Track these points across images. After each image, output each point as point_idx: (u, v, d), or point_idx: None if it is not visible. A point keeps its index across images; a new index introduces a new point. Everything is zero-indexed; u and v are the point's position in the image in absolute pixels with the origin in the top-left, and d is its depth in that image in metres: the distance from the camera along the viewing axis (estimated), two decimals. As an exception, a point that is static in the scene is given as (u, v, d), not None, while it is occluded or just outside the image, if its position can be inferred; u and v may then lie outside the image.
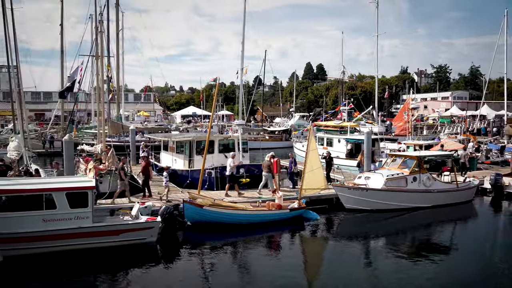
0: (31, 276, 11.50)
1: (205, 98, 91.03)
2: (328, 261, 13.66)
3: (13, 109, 25.96)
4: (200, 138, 23.14)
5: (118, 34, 41.47)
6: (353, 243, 15.32)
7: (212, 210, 15.54)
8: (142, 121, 60.60)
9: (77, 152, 27.55)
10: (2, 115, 69.82)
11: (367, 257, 13.95)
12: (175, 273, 12.14)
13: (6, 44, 22.69)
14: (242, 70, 46.91)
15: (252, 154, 25.18)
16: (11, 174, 18.57)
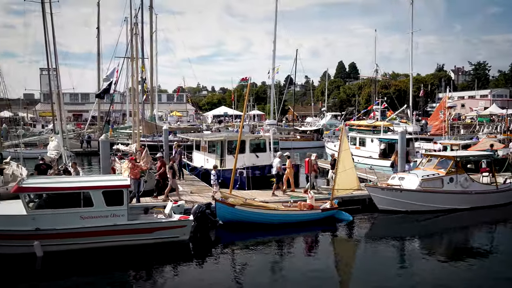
0: (69, 271, 11.89)
1: (237, 98, 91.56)
2: (361, 263, 13.43)
3: (53, 110, 26.92)
4: (232, 138, 23.27)
5: (152, 36, 42.27)
6: (387, 245, 14.99)
7: (243, 209, 15.60)
8: (175, 121, 61.60)
9: (112, 152, 28.32)
10: (43, 115, 72.78)
11: (402, 260, 13.62)
12: (207, 272, 12.24)
13: (46, 47, 23.53)
14: (273, 70, 46.83)
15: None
16: (51, 172, 19.27)
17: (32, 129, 57.79)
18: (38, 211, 12.76)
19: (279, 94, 67.11)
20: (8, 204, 13.76)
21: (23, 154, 25.35)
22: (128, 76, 34.93)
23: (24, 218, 12.51)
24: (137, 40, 27.91)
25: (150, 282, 11.46)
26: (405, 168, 21.75)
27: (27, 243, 12.44)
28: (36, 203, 13.12)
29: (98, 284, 11.19)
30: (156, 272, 12.05)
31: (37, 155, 27.42)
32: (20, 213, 12.60)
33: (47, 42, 23.48)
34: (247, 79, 38.29)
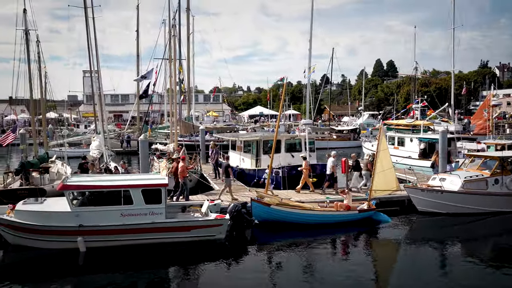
0: (110, 266, 12.28)
1: (272, 97, 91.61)
2: (399, 266, 13.09)
3: (95, 111, 27.88)
4: (267, 137, 23.30)
5: (189, 38, 43.02)
6: (427, 248, 14.53)
7: (279, 209, 15.59)
8: (211, 121, 62.38)
9: (151, 151, 29.03)
10: (86, 116, 75.52)
11: (442, 264, 13.17)
12: (243, 271, 12.32)
13: (89, 51, 24.44)
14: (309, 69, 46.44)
15: (319, 153, 24.88)
16: (93, 171, 19.95)
17: (75, 129, 60.03)
18: (81, 208, 13.27)
19: (315, 93, 66.51)
20: (54, 201, 14.37)
21: (67, 153, 26.41)
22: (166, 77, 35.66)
23: (68, 214, 13.04)
24: (175, 42, 28.49)
25: (187, 280, 11.66)
26: (447, 168, 21.05)
27: (71, 238, 12.97)
28: (80, 201, 13.64)
29: (137, 280, 11.49)
30: (193, 270, 12.23)
31: (80, 154, 28.53)
32: (64, 210, 13.15)
33: (90, 46, 24.39)
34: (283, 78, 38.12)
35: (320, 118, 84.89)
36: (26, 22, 24.34)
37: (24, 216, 13.07)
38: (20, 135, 25.10)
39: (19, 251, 13.18)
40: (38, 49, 26.91)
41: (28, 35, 24.55)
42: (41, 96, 28.94)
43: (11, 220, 13.07)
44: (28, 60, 24.94)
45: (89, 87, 33.62)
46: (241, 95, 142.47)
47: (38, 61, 27.18)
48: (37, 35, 26.40)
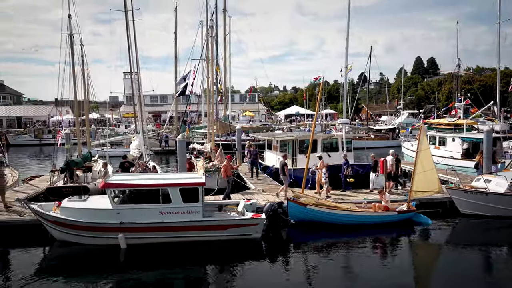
0: (149, 263, 12.57)
1: (308, 97, 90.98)
2: (440, 270, 12.61)
3: (135, 111, 28.64)
4: (303, 137, 23.18)
5: (226, 38, 43.40)
6: (470, 251, 13.98)
7: (315, 209, 15.46)
8: (247, 121, 62.67)
9: (189, 151, 29.51)
10: (126, 116, 77.77)
11: (486, 269, 12.66)
12: (279, 270, 12.29)
13: (129, 53, 25.13)
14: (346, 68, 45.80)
15: (357, 153, 24.50)
16: (133, 170, 20.53)
17: (116, 129, 61.97)
18: (122, 206, 13.67)
19: (352, 92, 65.55)
20: (96, 198, 14.89)
21: (109, 152, 27.28)
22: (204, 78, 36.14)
23: (110, 212, 13.47)
24: (212, 43, 28.82)
25: (223, 278, 11.76)
26: (492, 169, 20.17)
27: (112, 235, 13.39)
28: (120, 199, 14.06)
29: (175, 277, 11.69)
30: (229, 268, 12.33)
31: (121, 153, 29.42)
32: (106, 207, 13.60)
33: (130, 48, 25.06)
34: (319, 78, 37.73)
35: (358, 117, 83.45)
36: (71, 27, 25.37)
37: (68, 213, 13.62)
38: (65, 135, 26.17)
39: (64, 246, 13.74)
40: (82, 52, 28.01)
41: (73, 39, 25.57)
42: (84, 97, 30.07)
43: (57, 216, 13.65)
44: (73, 63, 25.96)
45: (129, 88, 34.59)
46: (277, 95, 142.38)
47: (82, 64, 28.29)
48: (81, 38, 27.49)
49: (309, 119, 75.99)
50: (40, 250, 13.79)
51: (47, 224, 13.98)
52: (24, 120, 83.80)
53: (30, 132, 62.21)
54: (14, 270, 12.06)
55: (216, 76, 30.62)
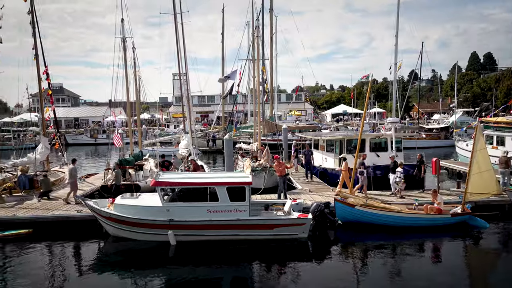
0: (198, 260, 12.83)
1: (356, 95, 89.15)
2: (497, 278, 11.87)
3: (183, 112, 29.35)
4: (351, 136, 22.76)
5: (272, 38, 43.48)
6: (532, 258, 13.14)
7: (364, 210, 15.15)
8: (293, 120, 62.46)
9: (235, 150, 29.83)
10: (175, 116, 79.88)
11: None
12: (325, 271, 12.14)
13: (178, 54, 25.78)
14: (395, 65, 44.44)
15: (407, 153, 23.71)
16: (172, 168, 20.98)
17: (166, 129, 63.79)
18: (171, 204, 14.06)
19: (402, 90, 63.47)
20: (147, 196, 15.41)
21: (159, 152, 28.12)
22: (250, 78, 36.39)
23: (160, 209, 13.90)
24: (258, 43, 28.95)
25: (269, 277, 11.78)
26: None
27: (162, 232, 13.80)
28: (170, 196, 14.46)
29: (222, 275, 11.87)
30: (275, 267, 12.34)
31: (170, 152, 30.25)
32: (156, 205, 14.04)
33: (178, 50, 25.72)
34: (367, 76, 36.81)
35: (408, 116, 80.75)
36: (124, 31, 26.43)
37: (121, 209, 14.19)
38: (119, 135, 27.26)
39: (118, 241, 14.35)
40: (134, 55, 29.10)
41: (125, 42, 26.62)
42: (136, 98, 31.17)
43: (111, 212, 14.27)
44: (125, 65, 27.03)
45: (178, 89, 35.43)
46: (324, 94, 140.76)
47: (134, 66, 29.39)
48: (133, 42, 28.57)
49: (356, 118, 74.55)
50: (95, 244, 14.46)
51: (102, 220, 14.65)
52: (81, 121, 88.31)
53: (86, 132, 65.43)
54: (71, 263, 12.76)
55: (262, 76, 30.73)
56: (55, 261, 13.07)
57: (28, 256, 13.17)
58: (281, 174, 17.65)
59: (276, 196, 17.86)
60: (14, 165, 22.00)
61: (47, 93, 23.80)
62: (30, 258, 13.08)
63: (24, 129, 59.55)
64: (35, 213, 15.88)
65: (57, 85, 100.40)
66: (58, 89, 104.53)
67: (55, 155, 27.29)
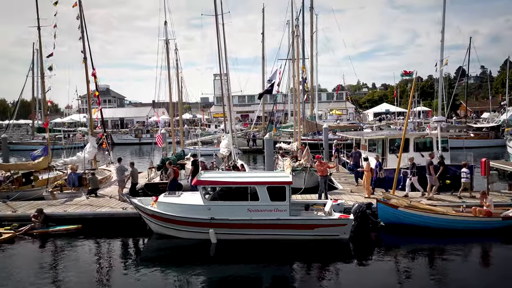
0: (238, 258, 12.94)
1: (399, 94, 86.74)
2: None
3: (224, 112, 29.69)
4: (394, 136, 22.20)
5: (312, 37, 43.15)
6: None
7: (408, 212, 14.73)
8: (334, 120, 61.69)
9: (275, 150, 29.84)
10: (216, 116, 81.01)
11: None
12: (368, 273, 11.88)
13: (219, 55, 26.11)
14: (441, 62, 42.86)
15: (454, 153, 22.83)
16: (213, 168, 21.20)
17: (207, 129, 64.79)
18: (212, 202, 14.25)
19: (448, 87, 61.06)
20: (189, 194, 15.71)
21: (200, 151, 28.59)
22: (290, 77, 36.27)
23: (202, 208, 14.13)
24: (298, 42, 28.81)
25: (309, 277, 11.69)
26: None
27: (203, 230, 14.03)
28: (211, 195, 14.66)
29: (262, 274, 11.88)
30: (316, 268, 12.23)
31: (211, 152, 30.68)
32: (198, 203, 14.28)
33: (219, 50, 26.03)
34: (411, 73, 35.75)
35: (455, 114, 77.67)
36: (167, 33, 27.08)
37: (164, 207, 14.56)
38: (162, 134, 27.98)
39: (161, 238, 14.73)
40: (176, 56, 29.77)
41: (168, 44, 27.27)
42: (178, 99, 31.87)
43: (154, 210, 14.66)
44: (168, 67, 27.71)
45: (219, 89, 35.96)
46: (365, 92, 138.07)
47: (176, 67, 30.08)
48: (176, 44, 29.31)
49: (400, 117, 72.52)
50: (140, 241, 14.92)
51: (145, 217, 15.09)
52: (126, 121, 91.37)
53: (131, 132, 67.60)
54: (116, 258, 13.23)
55: (302, 75, 30.56)
56: (101, 256, 13.62)
57: (77, 251, 13.80)
58: (322, 174, 17.48)
59: (316, 196, 17.72)
60: (64, 163, 23.12)
61: (95, 95, 24.78)
62: (79, 252, 13.69)
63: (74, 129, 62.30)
64: (84, 210, 16.61)
65: (104, 86, 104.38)
66: (105, 90, 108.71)
67: (102, 154, 28.36)
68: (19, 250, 13.98)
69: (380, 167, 18.41)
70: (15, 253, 13.78)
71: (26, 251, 13.99)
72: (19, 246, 14.33)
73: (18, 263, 12.98)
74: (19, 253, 13.78)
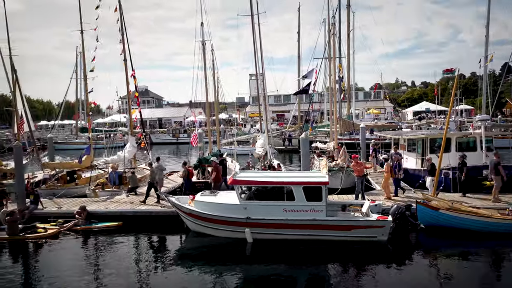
0: (273, 258, 12.92)
1: (440, 92, 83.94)
2: None
3: (260, 111, 29.75)
4: (435, 135, 21.52)
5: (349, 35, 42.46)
6: None
7: (449, 214, 14.22)
8: (372, 119, 60.54)
9: (311, 149, 29.60)
10: (252, 116, 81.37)
11: None
12: (405, 276, 11.53)
13: (255, 55, 26.18)
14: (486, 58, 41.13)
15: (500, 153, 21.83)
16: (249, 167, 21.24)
17: (243, 128, 65.17)
18: (248, 202, 14.31)
19: (493, 85, 58.47)
20: (225, 194, 15.86)
21: (236, 151, 28.82)
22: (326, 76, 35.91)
23: (237, 207, 14.22)
24: (334, 40, 28.47)
25: (346, 278, 11.52)
26: None
27: (239, 229, 14.12)
28: (247, 195, 14.73)
29: (298, 274, 11.82)
30: (352, 270, 12.04)
31: (247, 152, 30.85)
32: (234, 202, 14.39)
33: (255, 50, 26.11)
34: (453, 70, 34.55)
35: (501, 113, 74.34)
36: (203, 34, 27.46)
37: (201, 206, 14.76)
38: (198, 134, 28.39)
39: (198, 237, 14.95)
40: (213, 57, 30.09)
41: (205, 45, 27.63)
42: (214, 99, 32.20)
43: (191, 209, 14.90)
44: (205, 67, 28.08)
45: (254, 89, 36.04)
46: (404, 91, 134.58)
47: (213, 68, 30.39)
48: (212, 44, 29.58)
49: (441, 116, 70.19)
50: (177, 239, 15.22)
51: (183, 216, 15.36)
52: (164, 121, 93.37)
53: (169, 131, 69.00)
54: (155, 255, 13.57)
55: (339, 74, 30.17)
56: (140, 253, 13.98)
57: (117, 247, 14.23)
58: (359, 174, 17.18)
59: (353, 196, 17.44)
60: (105, 162, 23.89)
61: (134, 96, 25.46)
62: (119, 249, 14.12)
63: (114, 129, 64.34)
64: (124, 207, 17.11)
65: (143, 87, 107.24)
66: (144, 91, 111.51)
67: (141, 153, 29.10)
68: (63, 245, 14.59)
69: (399, 168, 17.94)
70: (59, 248, 14.40)
71: (69, 246, 14.58)
72: (63, 241, 14.96)
73: (62, 257, 13.57)
74: (63, 248, 14.38)
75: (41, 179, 21.94)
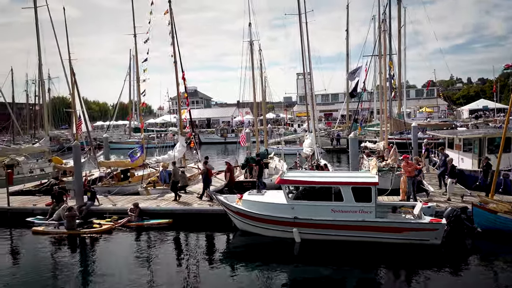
0: (321, 259, 12.80)
1: (499, 88, 79.44)
2: None
3: (307, 111, 29.55)
4: (493, 134, 20.43)
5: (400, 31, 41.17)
6: None
7: (508, 217, 13.43)
8: (424, 118, 58.39)
9: (360, 149, 29.04)
10: (299, 116, 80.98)
11: None
12: (460, 282, 11.04)
13: (302, 54, 26.04)
14: (551, 52, 38.49)
15: None
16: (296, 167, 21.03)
17: (290, 128, 65.03)
18: (296, 202, 14.26)
19: (560, 80, 54.54)
20: (273, 193, 15.89)
21: (284, 150, 28.80)
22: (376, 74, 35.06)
23: (285, 206, 14.21)
24: (385, 37, 27.76)
25: (397, 281, 11.20)
26: None
27: (287, 229, 14.10)
28: (295, 194, 14.68)
29: (346, 275, 11.63)
30: (404, 273, 11.70)
31: (295, 152, 30.75)
32: (281, 202, 14.39)
33: (303, 49, 25.95)
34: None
35: None
36: (251, 34, 27.66)
37: (249, 205, 14.89)
38: (246, 134, 28.66)
39: (245, 235, 15.10)
40: (260, 57, 30.27)
41: (252, 45, 27.84)
42: (262, 99, 32.37)
43: (239, 208, 15.07)
44: (252, 67, 28.30)
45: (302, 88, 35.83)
46: (460, 88, 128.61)
47: (260, 67, 30.59)
48: (259, 44, 29.73)
49: (500, 114, 66.40)
50: (225, 237, 15.44)
51: (231, 214, 15.57)
52: (212, 121, 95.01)
53: (217, 131, 70.17)
54: (203, 252, 13.85)
55: (390, 71, 29.32)
56: (189, 250, 14.34)
57: (167, 244, 14.69)
58: (410, 174, 16.62)
59: (395, 197, 16.90)
60: (157, 161, 24.69)
61: (184, 96, 26.11)
62: (169, 245, 14.57)
63: (165, 129, 66.31)
64: (174, 205, 17.60)
65: (192, 88, 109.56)
66: (193, 92, 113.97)
67: (190, 152, 29.80)
68: (117, 240, 15.26)
69: (419, 172, 17.42)
70: (113, 243, 15.07)
71: (123, 241, 15.23)
72: (117, 236, 15.63)
73: (116, 252, 14.22)
74: (117, 243, 15.05)
75: (97, 177, 23.03)
